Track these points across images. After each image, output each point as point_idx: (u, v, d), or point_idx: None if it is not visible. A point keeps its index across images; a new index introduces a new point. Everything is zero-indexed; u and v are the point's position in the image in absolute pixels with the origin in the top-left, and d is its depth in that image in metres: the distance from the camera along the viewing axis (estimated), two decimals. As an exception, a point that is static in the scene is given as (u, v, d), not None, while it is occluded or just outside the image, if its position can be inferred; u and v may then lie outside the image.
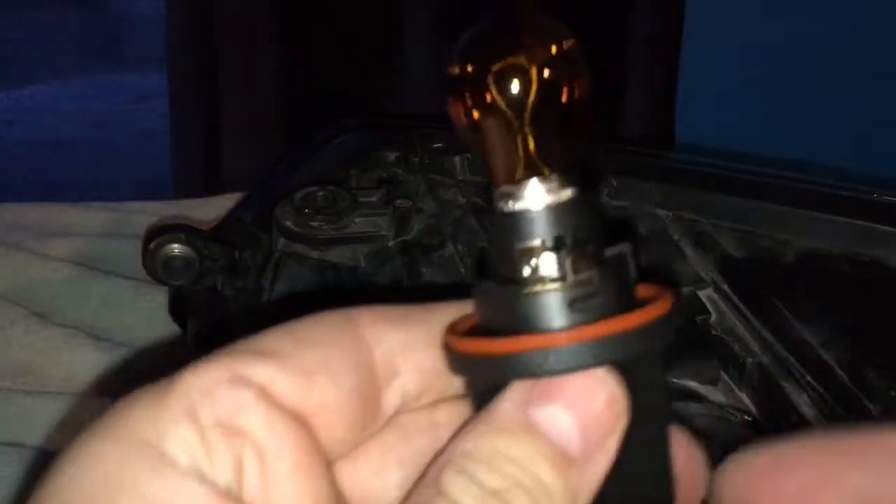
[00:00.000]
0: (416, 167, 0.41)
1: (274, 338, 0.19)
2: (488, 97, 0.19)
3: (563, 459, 0.18)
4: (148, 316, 0.54)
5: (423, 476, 0.19)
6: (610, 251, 0.20)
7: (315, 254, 0.39)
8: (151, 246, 0.42)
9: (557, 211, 0.19)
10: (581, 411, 0.18)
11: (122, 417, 0.19)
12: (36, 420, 0.45)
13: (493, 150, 0.19)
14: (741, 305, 0.35)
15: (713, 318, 0.35)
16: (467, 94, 0.19)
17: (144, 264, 0.42)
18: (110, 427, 0.18)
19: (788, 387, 0.32)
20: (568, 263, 0.19)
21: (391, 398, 0.20)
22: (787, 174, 0.41)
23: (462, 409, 0.21)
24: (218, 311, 0.43)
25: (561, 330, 0.18)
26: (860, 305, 0.34)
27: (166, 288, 0.48)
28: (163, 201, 0.74)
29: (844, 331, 0.33)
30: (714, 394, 0.33)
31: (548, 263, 0.19)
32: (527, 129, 0.19)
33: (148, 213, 0.66)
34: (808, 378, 0.32)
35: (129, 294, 0.56)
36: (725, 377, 0.33)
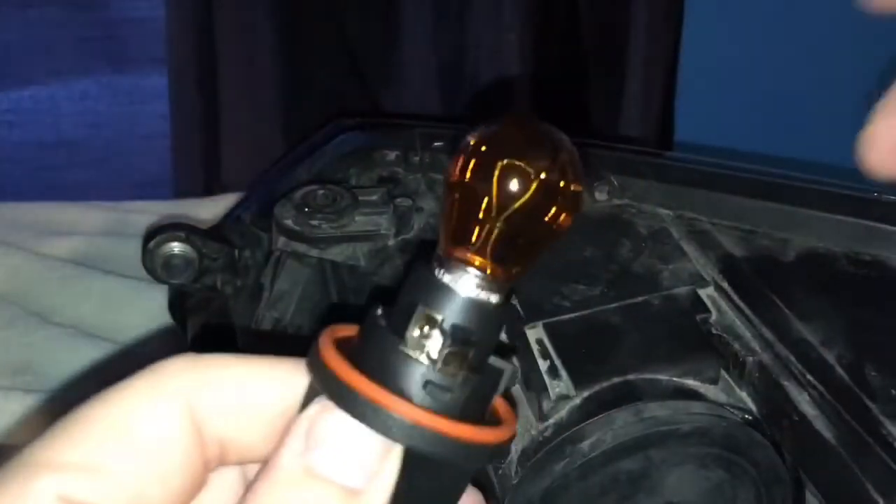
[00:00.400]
0: (416, 166, 0.41)
1: (97, 444, 0.19)
2: (489, 177, 0.20)
3: (349, 493, 0.19)
4: (148, 315, 0.54)
5: None
6: (495, 362, 0.21)
7: (315, 252, 0.39)
8: (151, 245, 0.42)
9: (474, 308, 0.20)
10: (358, 451, 0.19)
11: None
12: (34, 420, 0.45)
13: (461, 220, 0.20)
14: (742, 304, 0.35)
15: (713, 316, 0.35)
16: (472, 164, 0.20)
17: (144, 263, 0.42)
18: None
19: (789, 386, 0.32)
20: (446, 353, 0.20)
21: (210, 466, 0.21)
22: (787, 173, 0.41)
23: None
24: (217, 310, 0.43)
25: (400, 399, 0.19)
26: (860, 304, 0.34)
27: (166, 287, 0.48)
28: (162, 201, 0.74)
29: (845, 330, 0.33)
30: (714, 393, 0.33)
31: (434, 342, 0.20)
32: (501, 227, 0.20)
33: (148, 212, 0.66)
34: (809, 377, 0.32)
35: (128, 293, 0.56)
36: (726, 376, 0.33)
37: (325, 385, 0.20)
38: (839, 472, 0.30)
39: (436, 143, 0.42)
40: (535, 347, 0.32)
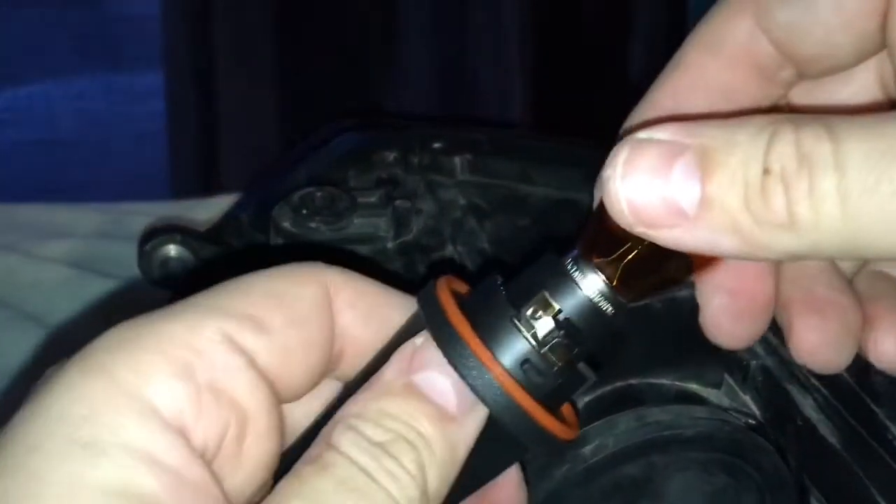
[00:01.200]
0: (415, 167, 0.41)
1: (261, 302, 0.21)
2: None
3: (442, 416, 0.20)
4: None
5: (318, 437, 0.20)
6: (583, 368, 0.22)
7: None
8: (147, 247, 0.42)
9: (589, 310, 0.21)
10: (456, 377, 0.20)
11: (104, 358, 0.19)
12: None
13: (608, 231, 0.21)
14: (744, 307, 0.34)
15: (716, 319, 0.34)
16: None
17: (140, 266, 0.42)
18: (93, 366, 0.19)
19: (793, 389, 0.32)
20: (555, 341, 0.21)
21: (335, 362, 0.23)
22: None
23: None
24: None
25: (497, 363, 0.21)
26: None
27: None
28: (159, 202, 0.74)
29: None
30: (717, 397, 0.33)
31: (544, 326, 0.21)
32: (642, 251, 0.21)
33: (144, 213, 0.66)
34: (813, 381, 0.31)
35: (124, 296, 0.56)
36: (729, 380, 0.33)
37: (434, 326, 0.21)
38: (844, 477, 0.30)
39: (435, 145, 0.42)
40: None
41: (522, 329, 0.21)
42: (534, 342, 0.21)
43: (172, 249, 0.41)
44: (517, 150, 0.42)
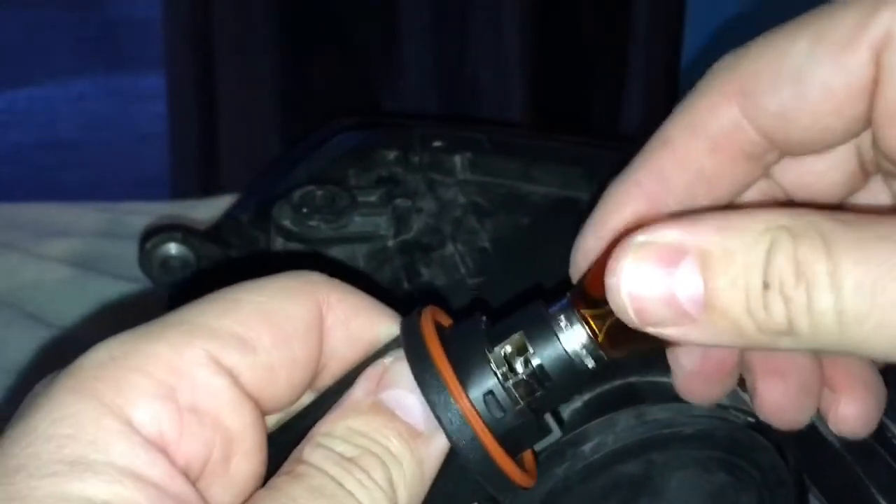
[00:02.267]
0: (415, 166, 0.41)
1: (249, 320, 0.21)
2: None
3: (410, 432, 0.21)
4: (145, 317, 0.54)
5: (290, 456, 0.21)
6: (549, 420, 0.23)
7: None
8: (148, 246, 0.42)
9: (565, 362, 0.22)
10: (422, 404, 0.21)
11: (89, 377, 0.19)
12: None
13: (602, 287, 0.21)
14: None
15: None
16: None
17: (141, 264, 0.42)
18: (78, 385, 0.19)
19: (792, 388, 0.32)
20: (519, 379, 0.22)
21: (321, 379, 0.23)
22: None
23: None
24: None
25: (460, 387, 0.21)
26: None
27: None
28: (159, 201, 0.74)
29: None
30: (717, 395, 0.33)
31: (515, 366, 0.22)
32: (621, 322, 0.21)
33: (144, 213, 0.66)
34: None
35: (125, 295, 0.56)
36: (728, 378, 0.33)
37: (409, 348, 0.22)
38: (843, 476, 0.30)
39: (435, 144, 0.42)
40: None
41: (492, 363, 0.22)
42: (500, 377, 0.22)
43: (173, 248, 0.41)
44: (517, 149, 0.42)
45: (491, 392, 0.22)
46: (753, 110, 0.23)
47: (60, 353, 0.52)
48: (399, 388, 0.21)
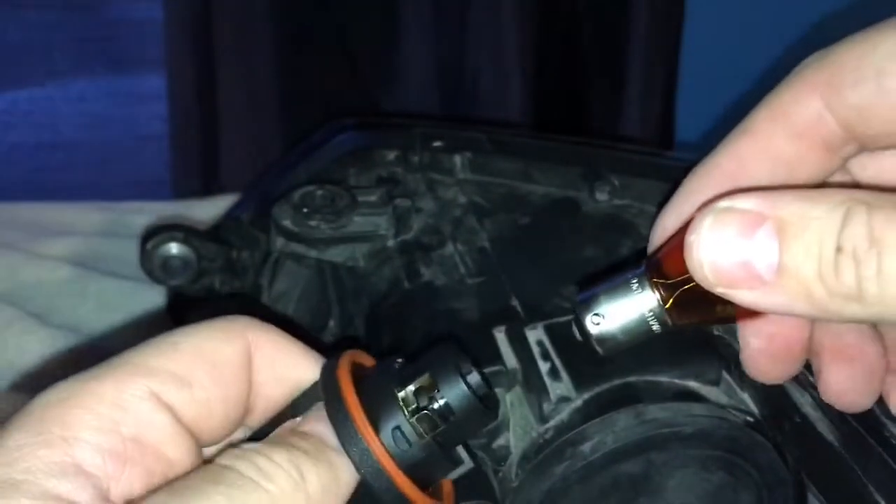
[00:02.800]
0: (415, 166, 0.41)
1: (186, 360, 0.23)
2: None
3: (322, 441, 0.23)
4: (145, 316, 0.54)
5: None
6: (461, 453, 0.26)
7: (313, 253, 0.38)
8: (149, 246, 0.42)
9: (467, 401, 0.25)
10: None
11: (38, 414, 0.21)
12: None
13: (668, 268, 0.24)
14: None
15: (715, 317, 0.34)
16: None
17: (142, 264, 0.42)
18: (27, 421, 0.21)
19: (790, 387, 0.32)
20: (423, 414, 0.24)
21: (251, 416, 0.25)
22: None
23: None
24: (216, 310, 0.43)
25: (367, 423, 0.24)
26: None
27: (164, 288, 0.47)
28: (160, 201, 0.74)
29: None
30: (716, 394, 0.33)
31: (421, 402, 0.24)
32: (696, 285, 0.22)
33: (145, 213, 0.66)
34: (811, 378, 0.31)
35: (126, 295, 0.56)
36: (727, 377, 0.33)
37: (326, 390, 0.24)
38: (841, 474, 0.30)
39: (435, 144, 0.42)
40: (535, 349, 0.32)
41: (400, 401, 0.24)
42: (406, 413, 0.24)
43: (174, 247, 0.41)
44: (517, 149, 0.42)
45: (398, 427, 0.24)
46: (836, 102, 0.24)
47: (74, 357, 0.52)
48: (316, 422, 0.23)
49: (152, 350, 0.23)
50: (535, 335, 0.33)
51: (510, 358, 0.32)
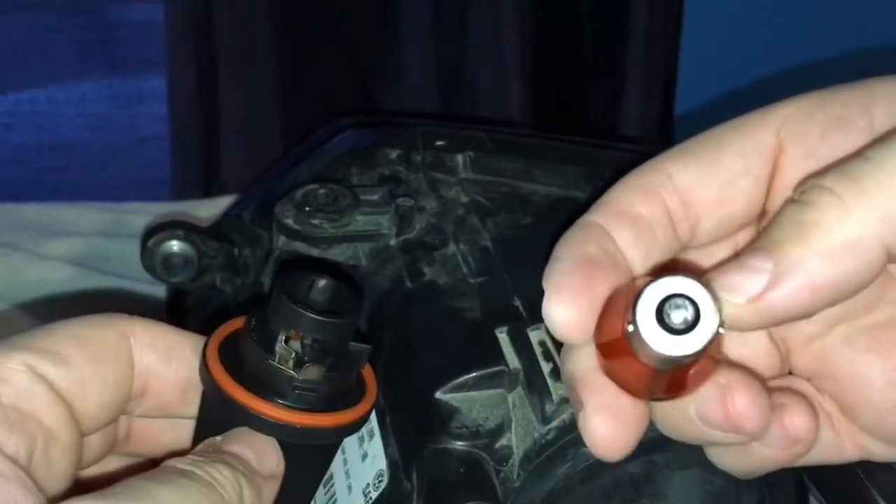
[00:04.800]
0: (418, 165, 0.41)
1: (63, 341, 0.25)
2: None
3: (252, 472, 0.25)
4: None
5: None
6: (354, 347, 0.27)
7: (315, 252, 0.38)
8: (150, 243, 0.42)
9: (326, 325, 0.26)
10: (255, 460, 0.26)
11: None
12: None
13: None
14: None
15: (717, 317, 0.34)
16: None
17: (143, 262, 0.42)
18: None
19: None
20: (307, 365, 0.25)
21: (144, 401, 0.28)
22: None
23: None
24: (217, 308, 0.43)
25: (272, 402, 0.26)
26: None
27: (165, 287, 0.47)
28: (161, 202, 0.74)
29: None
30: (718, 394, 0.32)
31: (297, 354, 0.25)
32: None
33: (146, 213, 0.66)
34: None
35: (127, 294, 0.56)
36: (730, 377, 0.33)
37: (210, 392, 0.26)
38: (843, 476, 0.30)
39: (438, 142, 0.42)
40: (537, 349, 0.32)
41: (281, 366, 0.25)
42: (293, 371, 0.25)
43: (175, 245, 0.41)
44: (520, 148, 0.42)
45: (295, 386, 0.25)
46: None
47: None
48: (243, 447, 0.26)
49: (31, 333, 0.26)
50: (537, 335, 0.33)
51: (512, 358, 0.32)
